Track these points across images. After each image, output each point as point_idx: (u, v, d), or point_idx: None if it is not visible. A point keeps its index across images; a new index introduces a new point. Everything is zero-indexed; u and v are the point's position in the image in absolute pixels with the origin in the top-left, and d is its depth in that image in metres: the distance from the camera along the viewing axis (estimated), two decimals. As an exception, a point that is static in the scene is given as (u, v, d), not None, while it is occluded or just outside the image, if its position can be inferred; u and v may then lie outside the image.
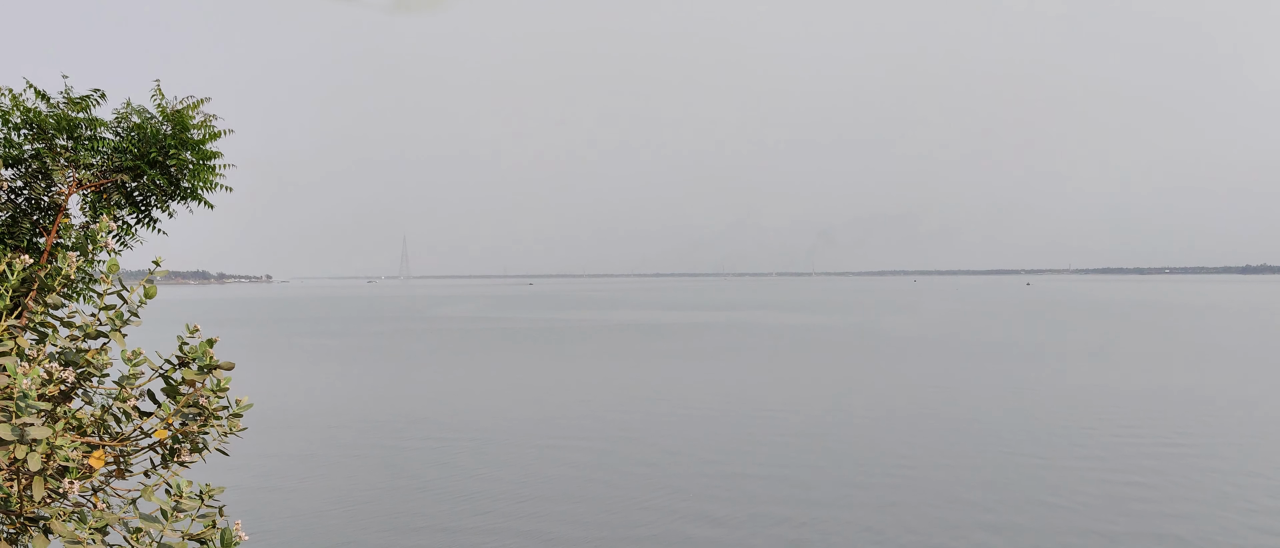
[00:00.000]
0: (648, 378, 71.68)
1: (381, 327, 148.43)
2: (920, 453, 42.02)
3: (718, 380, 69.30)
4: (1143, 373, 72.25)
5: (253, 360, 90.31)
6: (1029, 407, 54.94)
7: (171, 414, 7.37)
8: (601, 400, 59.65)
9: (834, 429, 48.29)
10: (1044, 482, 36.34)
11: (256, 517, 31.84)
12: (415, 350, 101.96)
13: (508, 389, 65.78)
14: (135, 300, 7.52)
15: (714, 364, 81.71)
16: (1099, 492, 34.77)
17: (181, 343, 7.59)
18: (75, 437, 7.20)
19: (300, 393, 65.24)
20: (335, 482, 37.41)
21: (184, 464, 7.53)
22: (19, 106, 10.26)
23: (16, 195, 10.31)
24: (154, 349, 8.13)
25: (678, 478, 37.62)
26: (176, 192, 11.01)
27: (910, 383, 66.88)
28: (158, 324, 14.88)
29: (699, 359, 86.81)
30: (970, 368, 76.84)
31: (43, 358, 7.50)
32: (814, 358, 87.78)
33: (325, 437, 47.44)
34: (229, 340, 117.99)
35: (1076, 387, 63.87)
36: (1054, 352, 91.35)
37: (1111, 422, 49.55)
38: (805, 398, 59.87)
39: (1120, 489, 35.11)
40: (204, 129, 10.98)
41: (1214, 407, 54.81)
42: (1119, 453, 41.61)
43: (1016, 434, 46.29)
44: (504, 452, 43.09)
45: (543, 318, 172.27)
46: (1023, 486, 35.88)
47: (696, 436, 46.76)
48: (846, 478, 37.38)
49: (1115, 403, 56.16)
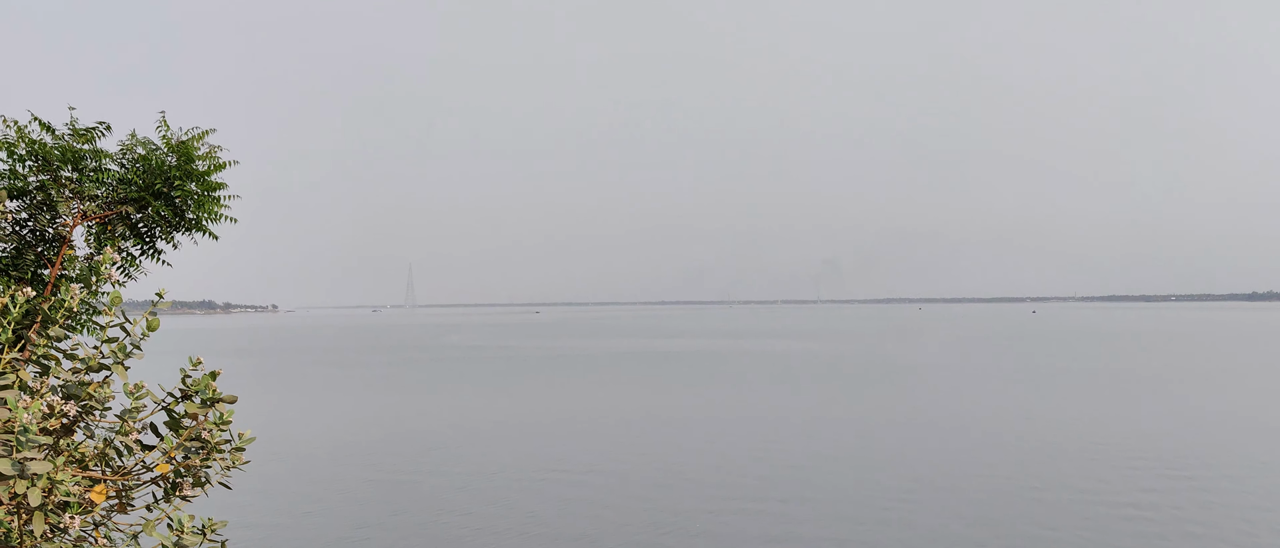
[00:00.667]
0: (659, 406, 71.46)
1: (387, 357, 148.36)
2: (925, 479, 41.76)
3: (727, 408, 69.09)
4: (1152, 400, 71.92)
5: (258, 391, 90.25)
6: (1038, 434, 54.66)
7: (174, 448, 7.32)
8: (612, 428, 59.46)
9: (845, 456, 48.04)
10: (1050, 509, 36.07)
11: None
12: (421, 379, 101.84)
13: (517, 418, 65.59)
14: (138, 333, 7.48)
15: (723, 391, 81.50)
16: (1109, 520, 34.49)
17: (184, 376, 7.55)
18: (76, 471, 7.14)
19: (305, 424, 65.12)
20: (341, 515, 37.22)
21: (186, 499, 7.47)
22: (24, 138, 10.27)
23: (21, 227, 10.30)
24: (158, 381, 8.09)
25: (689, 504, 37.40)
26: (181, 223, 11.00)
27: (914, 410, 66.61)
28: (163, 355, 14.83)
29: (709, 387, 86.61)
30: (976, 395, 76.53)
31: (45, 391, 7.46)
32: (820, 385, 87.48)
33: (331, 469, 47.29)
34: (235, 371, 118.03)
35: (1083, 415, 63.55)
36: (1063, 379, 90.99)
37: (1123, 450, 49.25)
38: (813, 425, 59.62)
39: (1130, 517, 34.83)
40: (209, 160, 10.99)
41: (1229, 434, 54.50)
42: (1126, 479, 41.31)
43: (1029, 461, 46.02)
44: (515, 482, 42.89)
45: (550, 346, 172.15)
46: (1030, 514, 35.61)
47: (707, 463, 46.54)
48: (859, 504, 37.13)
49: (1125, 430, 55.86)
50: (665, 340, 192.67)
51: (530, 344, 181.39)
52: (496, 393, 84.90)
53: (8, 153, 10.29)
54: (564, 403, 75.52)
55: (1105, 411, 65.82)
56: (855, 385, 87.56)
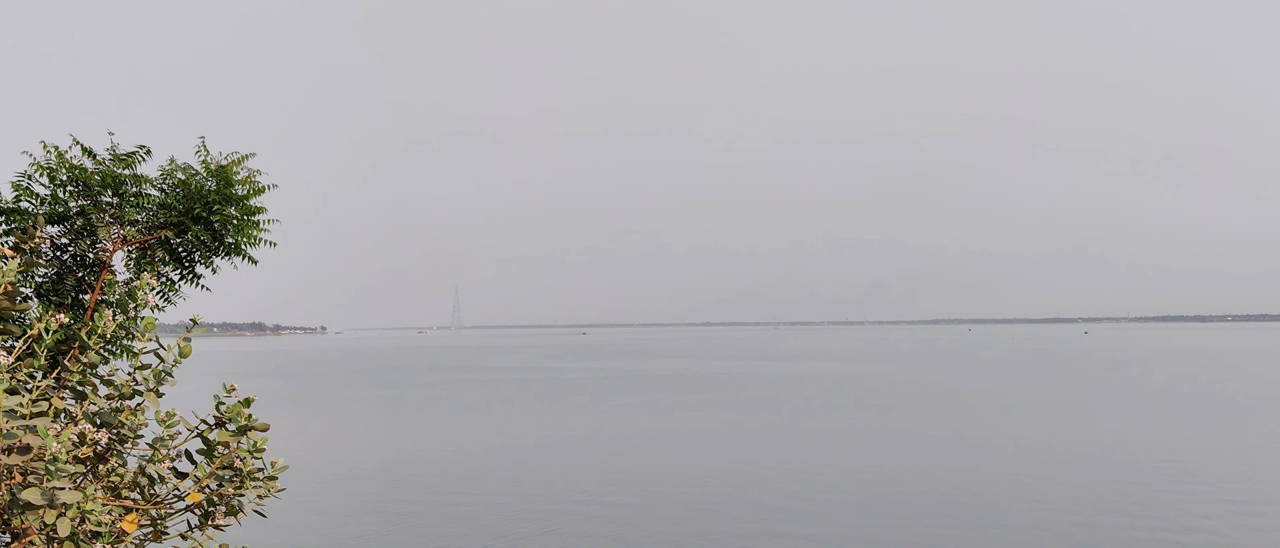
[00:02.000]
0: (710, 427, 70.99)
1: (434, 378, 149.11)
2: (972, 503, 40.95)
3: (777, 431, 68.50)
4: (1211, 425, 70.21)
5: (301, 413, 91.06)
6: (1094, 460, 53.50)
7: (207, 476, 7.22)
8: (665, 452, 59.07)
9: (894, 481, 47.31)
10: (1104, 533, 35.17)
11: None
12: (470, 401, 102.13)
13: (565, 441, 65.43)
14: (170, 360, 7.39)
15: (772, 415, 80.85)
16: None
17: (218, 402, 7.46)
18: (108, 499, 7.06)
19: (350, 448, 65.47)
20: (380, 541, 37.20)
21: (218, 528, 7.36)
22: (65, 164, 10.31)
23: (62, 252, 10.32)
24: (201, 403, 8.01)
25: (739, 531, 36.95)
26: (220, 247, 10.99)
27: (965, 435, 65.56)
28: (209, 377, 15.03)
29: (758, 410, 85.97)
30: (1030, 419, 75.17)
31: (80, 418, 7.40)
32: (867, 408, 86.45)
33: (374, 494, 47.39)
34: (280, 393, 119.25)
35: (1141, 440, 62.18)
36: (1117, 403, 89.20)
37: (1181, 476, 48.03)
38: (859, 450, 58.86)
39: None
40: (248, 184, 10.98)
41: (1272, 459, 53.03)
42: (1177, 507, 40.22)
43: (1084, 488, 45.01)
44: (561, 507, 42.67)
45: (598, 368, 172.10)
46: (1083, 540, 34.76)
47: (757, 489, 46.06)
48: (912, 529, 36.47)
49: (1182, 457, 54.53)
50: (712, 363, 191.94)
51: (576, 366, 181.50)
52: (544, 415, 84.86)
53: (49, 178, 10.34)
54: (612, 426, 75.27)
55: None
56: (910, 410, 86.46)
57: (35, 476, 6.38)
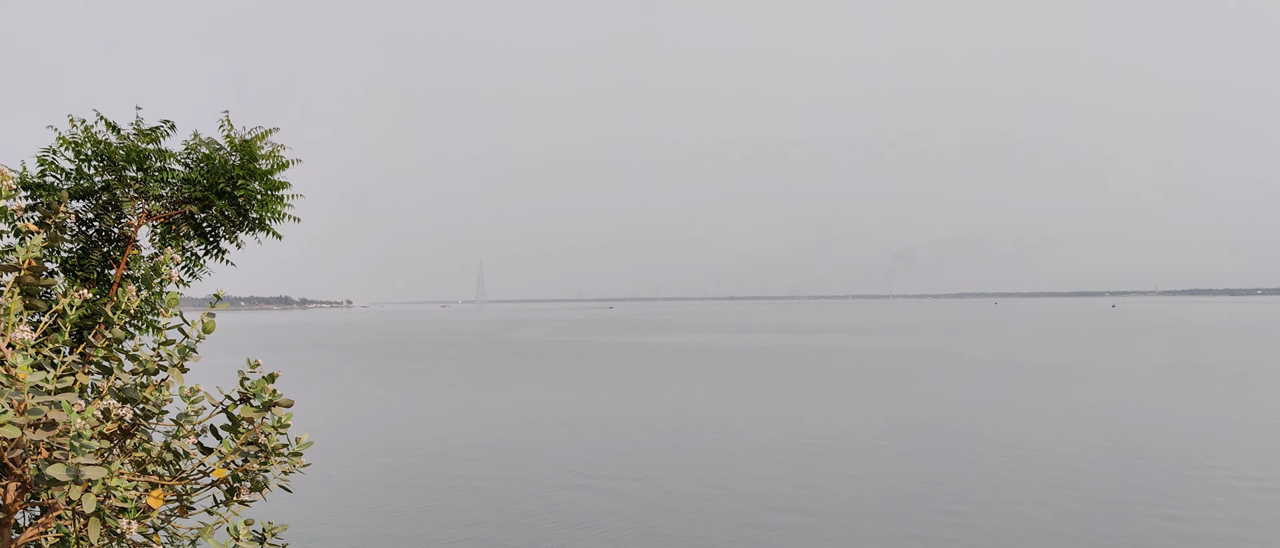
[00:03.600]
0: (739, 402, 70.98)
1: (462, 351, 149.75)
2: (1004, 480, 40.78)
3: (800, 405, 68.44)
4: (1237, 401, 69.54)
5: (327, 386, 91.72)
6: (1123, 436, 53.15)
7: (231, 452, 7.18)
8: (693, 428, 59.13)
9: (925, 457, 47.16)
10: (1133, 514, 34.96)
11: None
12: (497, 375, 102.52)
13: (594, 416, 65.58)
14: (195, 336, 7.34)
15: (802, 388, 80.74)
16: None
17: (242, 378, 7.41)
18: (134, 475, 7.04)
19: (375, 421, 65.89)
20: (412, 518, 37.41)
21: (243, 504, 7.33)
22: (91, 138, 10.28)
23: (87, 227, 10.31)
24: (225, 377, 7.98)
25: (760, 506, 36.99)
26: (245, 222, 10.95)
27: (996, 409, 65.23)
28: (236, 350, 14.84)
29: (789, 383, 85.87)
30: (1061, 393, 74.67)
31: (105, 394, 7.38)
32: (895, 382, 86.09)
33: (402, 468, 47.69)
34: (307, 365, 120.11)
35: (1171, 417, 61.70)
36: (1150, 378, 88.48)
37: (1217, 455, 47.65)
38: (888, 424, 58.69)
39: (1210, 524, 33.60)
40: (272, 159, 10.92)
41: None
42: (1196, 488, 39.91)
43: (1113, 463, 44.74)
44: (588, 484, 42.81)
45: (626, 342, 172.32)
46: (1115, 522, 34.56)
47: (790, 465, 46.05)
48: (941, 507, 36.38)
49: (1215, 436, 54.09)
50: (740, 336, 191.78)
51: (604, 340, 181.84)
52: (572, 389, 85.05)
53: (75, 153, 10.32)
54: (640, 400, 75.39)
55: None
56: (938, 383, 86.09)
57: (61, 451, 6.36)
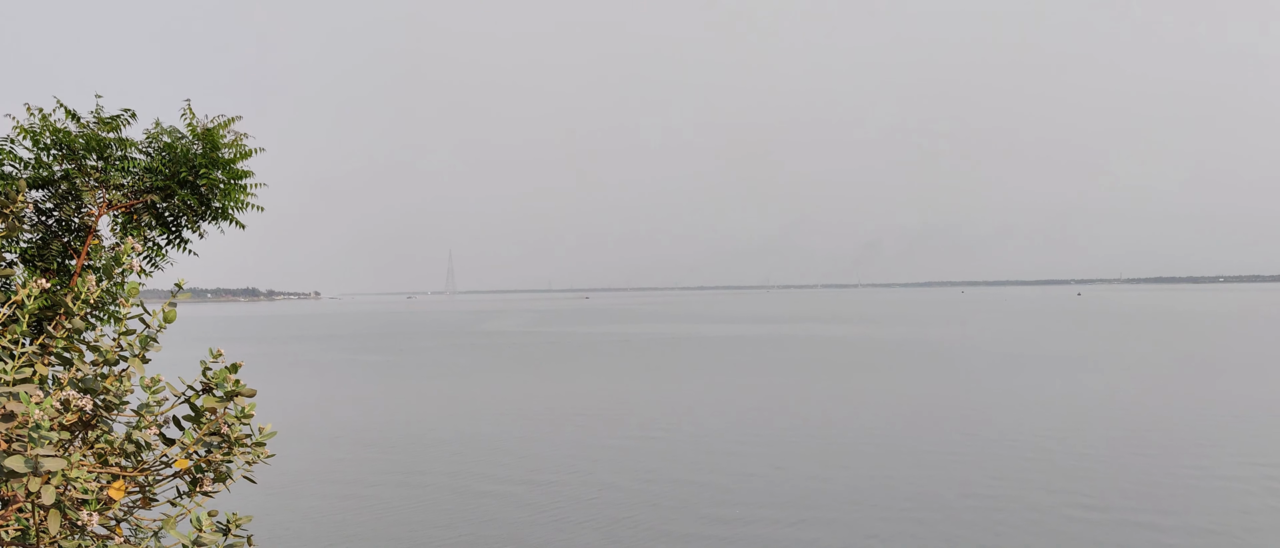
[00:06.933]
0: (719, 394, 71.21)
1: (439, 342, 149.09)
2: (979, 472, 41.20)
3: (788, 394, 68.77)
4: (1208, 385, 70.59)
5: (294, 379, 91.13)
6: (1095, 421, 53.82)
7: (194, 443, 7.13)
8: (680, 418, 59.27)
9: (899, 444, 47.55)
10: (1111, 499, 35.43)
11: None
12: (479, 366, 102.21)
13: (564, 407, 65.55)
14: (155, 326, 7.28)
15: (780, 378, 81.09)
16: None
17: (205, 368, 7.35)
18: (94, 466, 6.97)
19: (341, 412, 65.53)
20: (380, 512, 37.28)
21: (207, 494, 7.28)
22: (49, 127, 10.15)
23: (46, 217, 10.18)
24: (190, 369, 7.90)
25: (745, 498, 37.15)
26: (207, 212, 10.85)
27: (962, 398, 65.85)
28: (201, 342, 14.77)
29: (766, 373, 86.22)
30: (1027, 380, 75.47)
31: (66, 385, 7.29)
32: (866, 370, 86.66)
33: (368, 461, 47.51)
34: (273, 358, 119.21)
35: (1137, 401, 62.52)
36: (1119, 364, 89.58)
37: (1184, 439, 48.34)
38: (863, 413, 59.11)
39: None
40: (235, 148, 10.82)
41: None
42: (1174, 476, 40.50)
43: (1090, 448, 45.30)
44: (559, 478, 42.83)
45: (605, 332, 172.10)
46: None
47: (772, 457, 46.27)
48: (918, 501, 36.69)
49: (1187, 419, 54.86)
50: (714, 325, 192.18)
51: (581, 331, 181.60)
52: (543, 380, 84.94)
53: (33, 142, 10.17)
54: (613, 390, 75.44)
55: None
56: (904, 372, 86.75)
57: (20, 443, 6.29)
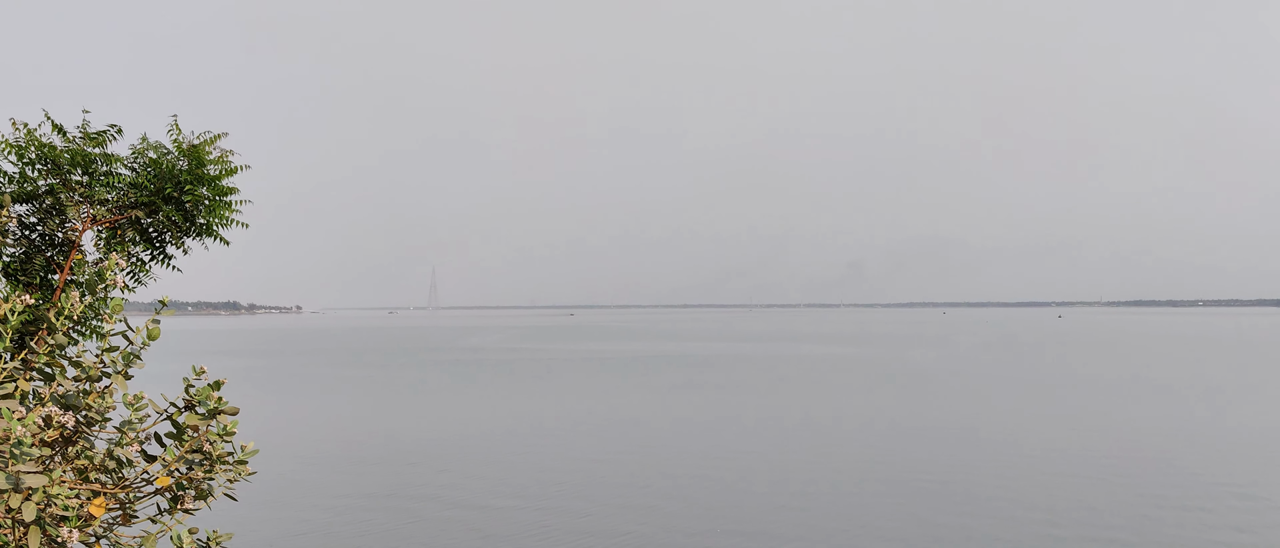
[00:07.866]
0: (707, 411, 71.18)
1: (420, 358, 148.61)
2: (962, 490, 41.30)
3: (773, 412, 68.80)
4: (1184, 407, 71.01)
5: (276, 395, 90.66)
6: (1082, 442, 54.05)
7: (176, 460, 7.14)
8: (666, 437, 59.20)
9: (880, 461, 47.63)
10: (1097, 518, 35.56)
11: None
12: (449, 382, 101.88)
13: (547, 425, 65.39)
14: (139, 342, 7.30)
15: (764, 396, 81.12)
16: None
17: (187, 385, 7.37)
18: (76, 483, 6.97)
19: (325, 431, 65.21)
20: (362, 528, 37.09)
21: (188, 511, 7.29)
22: (34, 142, 10.15)
23: (30, 231, 10.17)
24: (172, 384, 7.91)
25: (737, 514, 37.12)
26: (192, 228, 10.86)
27: (941, 417, 66.03)
28: (182, 356, 14.70)
29: (749, 392, 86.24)
30: (1006, 402, 75.75)
31: (47, 401, 7.29)
32: (846, 389, 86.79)
33: (352, 476, 47.28)
34: (255, 373, 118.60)
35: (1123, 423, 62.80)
36: (1101, 386, 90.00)
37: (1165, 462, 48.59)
38: (841, 429, 59.21)
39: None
40: (220, 164, 10.84)
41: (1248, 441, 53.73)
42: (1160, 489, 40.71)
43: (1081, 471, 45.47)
44: (540, 494, 42.70)
45: (590, 350, 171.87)
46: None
47: (762, 474, 46.24)
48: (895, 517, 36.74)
49: (1165, 441, 55.15)
50: (699, 343, 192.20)
51: (564, 348, 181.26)
52: (528, 398, 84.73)
53: (17, 156, 10.17)
54: (598, 408, 75.32)
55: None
56: (885, 391, 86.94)
57: (1, 459, 6.29)
